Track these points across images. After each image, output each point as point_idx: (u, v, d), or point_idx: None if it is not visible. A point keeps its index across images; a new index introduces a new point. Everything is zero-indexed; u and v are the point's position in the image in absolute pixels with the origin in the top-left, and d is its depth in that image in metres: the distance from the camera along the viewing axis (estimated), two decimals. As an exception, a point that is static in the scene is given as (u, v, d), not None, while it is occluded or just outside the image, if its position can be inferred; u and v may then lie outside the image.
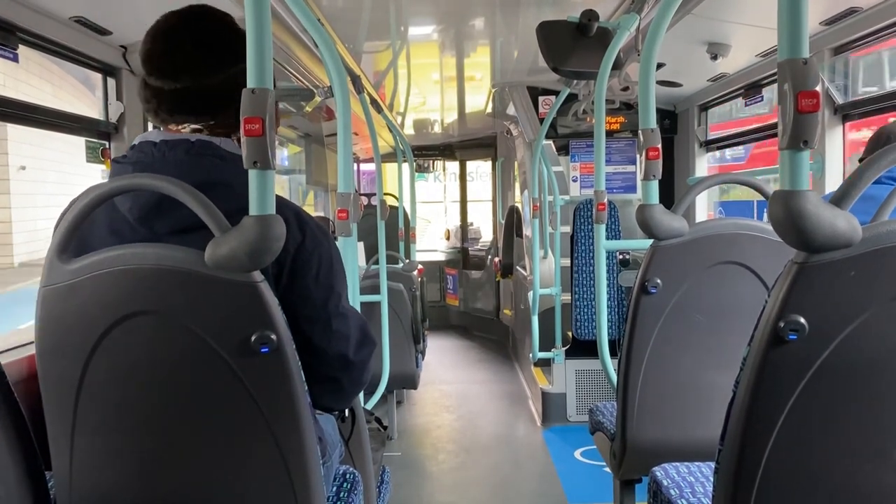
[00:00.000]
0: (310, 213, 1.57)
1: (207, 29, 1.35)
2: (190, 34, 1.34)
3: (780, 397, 1.06)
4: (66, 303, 1.18)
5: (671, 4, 2.02)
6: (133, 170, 1.31)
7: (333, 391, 1.45)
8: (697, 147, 5.20)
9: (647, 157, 2.04)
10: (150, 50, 1.35)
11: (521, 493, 3.82)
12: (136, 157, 1.33)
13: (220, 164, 1.30)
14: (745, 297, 1.86)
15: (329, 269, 1.38)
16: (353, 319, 1.44)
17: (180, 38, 1.33)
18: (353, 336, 1.42)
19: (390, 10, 3.52)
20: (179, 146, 1.31)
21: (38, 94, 4.51)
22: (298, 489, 1.22)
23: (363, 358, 1.46)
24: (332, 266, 1.39)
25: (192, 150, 1.31)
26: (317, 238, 1.36)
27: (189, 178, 1.23)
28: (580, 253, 4.62)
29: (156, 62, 1.33)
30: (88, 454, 1.24)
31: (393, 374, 3.86)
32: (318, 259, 1.35)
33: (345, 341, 1.40)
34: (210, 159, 1.30)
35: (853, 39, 3.08)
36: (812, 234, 0.98)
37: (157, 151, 1.32)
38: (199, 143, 1.32)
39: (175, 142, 1.32)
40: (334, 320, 1.38)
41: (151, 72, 1.34)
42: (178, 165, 1.28)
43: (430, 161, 9.57)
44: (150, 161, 1.31)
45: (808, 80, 0.96)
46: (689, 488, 1.69)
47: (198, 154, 1.30)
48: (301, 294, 1.34)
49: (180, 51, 1.33)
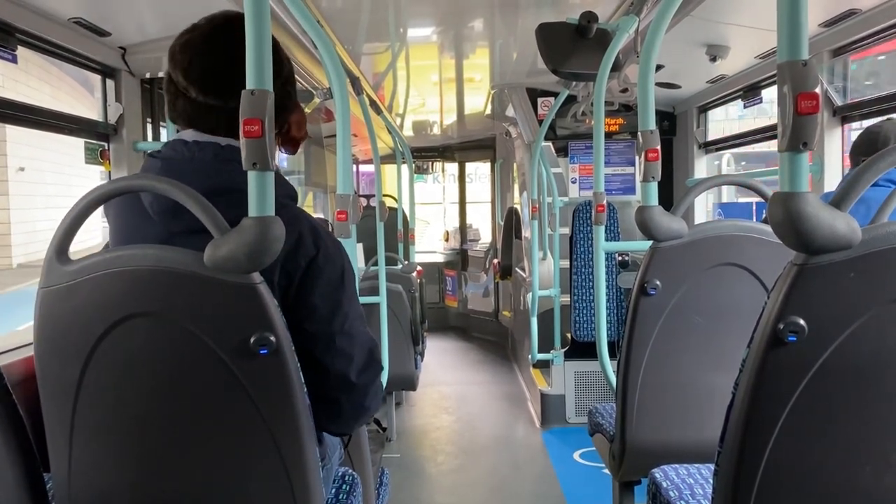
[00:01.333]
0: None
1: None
2: (236, 50, 1.17)
3: (779, 399, 1.06)
4: (65, 304, 1.18)
5: (670, 6, 2.02)
6: (162, 165, 1.31)
7: (333, 413, 1.39)
8: (696, 149, 5.20)
9: (646, 158, 2.04)
10: (207, 65, 1.30)
11: (519, 494, 3.81)
12: (167, 153, 1.34)
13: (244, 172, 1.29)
14: (745, 298, 1.86)
15: (338, 285, 1.34)
16: (361, 341, 1.39)
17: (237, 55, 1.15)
18: (357, 357, 1.37)
19: (389, 12, 3.52)
20: (208, 148, 1.32)
21: (37, 95, 4.50)
22: (297, 491, 1.22)
23: (366, 381, 1.40)
24: (343, 283, 1.35)
25: (221, 154, 1.31)
26: (330, 254, 1.33)
27: (211, 180, 1.27)
28: (579, 254, 4.62)
29: (215, 80, 1.30)
30: (87, 456, 1.24)
31: (392, 375, 3.85)
32: (328, 275, 1.32)
33: (347, 361, 1.36)
34: (235, 165, 1.27)
35: (852, 41, 3.08)
36: (811, 236, 0.98)
37: (188, 151, 1.32)
38: (228, 148, 1.32)
39: (205, 143, 1.33)
40: (338, 337, 1.34)
41: (207, 90, 1.30)
42: (203, 166, 1.29)
43: (430, 162, 9.57)
44: (179, 158, 1.32)
45: (808, 82, 0.96)
46: (689, 490, 1.69)
47: (225, 159, 1.30)
48: (307, 308, 1.31)
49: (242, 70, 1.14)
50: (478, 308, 8.51)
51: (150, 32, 2.71)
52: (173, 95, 1.35)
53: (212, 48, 1.31)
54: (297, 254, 1.29)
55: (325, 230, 1.36)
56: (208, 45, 1.32)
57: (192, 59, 1.31)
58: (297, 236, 1.29)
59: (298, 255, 1.29)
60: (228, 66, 1.27)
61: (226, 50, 1.30)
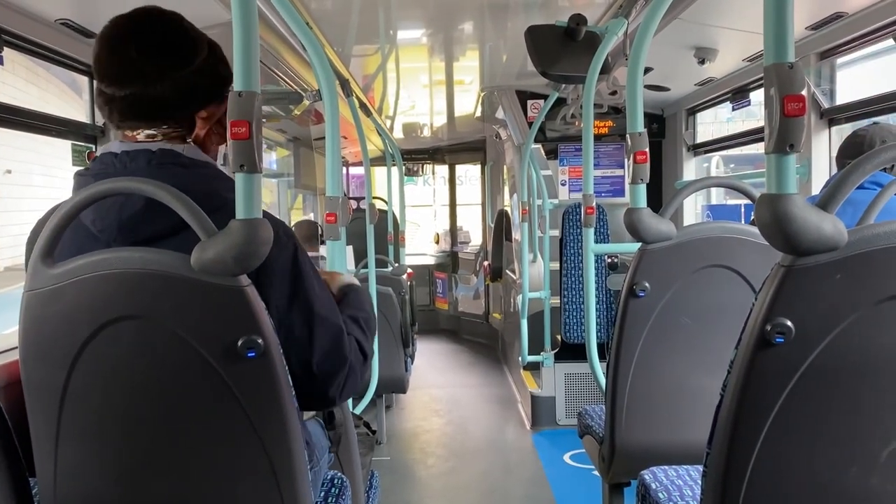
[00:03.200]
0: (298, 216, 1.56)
1: (154, 32, 1.32)
2: (135, 39, 1.30)
3: (767, 400, 1.06)
4: (51, 307, 1.17)
5: (658, 9, 2.03)
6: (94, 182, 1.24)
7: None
8: (685, 151, 5.22)
9: (635, 160, 2.05)
10: (97, 56, 1.32)
11: (510, 497, 3.81)
12: (97, 168, 1.31)
13: (183, 173, 1.28)
14: (733, 300, 1.87)
15: (294, 272, 1.30)
16: (328, 328, 1.32)
17: (126, 44, 1.29)
18: (318, 344, 1.31)
19: (379, 14, 3.52)
20: (141, 156, 1.29)
21: (24, 97, 4.47)
22: (286, 495, 1.21)
23: (327, 370, 1.32)
24: (299, 269, 1.30)
25: (154, 160, 1.29)
26: (280, 241, 1.27)
27: None
28: (569, 256, 4.63)
29: (103, 69, 1.31)
30: (73, 460, 1.23)
31: (382, 378, 3.85)
32: (282, 263, 1.28)
33: (306, 348, 1.30)
34: (172, 168, 1.28)
35: (839, 44, 3.10)
36: (798, 238, 0.98)
37: (119, 162, 1.29)
38: (161, 153, 1.29)
39: (136, 152, 1.29)
40: (297, 328, 1.29)
41: (101, 78, 1.31)
42: (138, 175, 1.24)
43: (420, 165, 9.57)
44: (112, 172, 1.28)
45: (794, 84, 0.97)
46: (678, 491, 1.69)
47: (159, 164, 1.28)
48: (266, 300, 1.22)
49: (126, 57, 1.29)
50: (468, 310, 8.51)
51: (137, 34, 2.69)
52: (96, 93, 1.35)
53: (107, 40, 1.32)
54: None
55: (274, 217, 1.31)
56: (105, 38, 1.32)
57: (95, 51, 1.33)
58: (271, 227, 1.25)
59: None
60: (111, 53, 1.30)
61: (110, 38, 1.31)
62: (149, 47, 1.29)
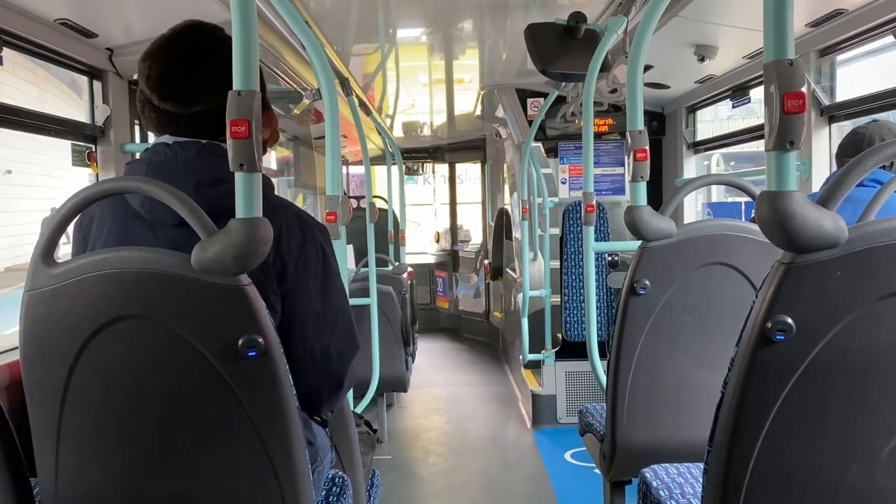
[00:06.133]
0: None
1: (221, 52, 1.34)
2: (206, 59, 1.35)
3: (767, 397, 1.06)
4: (51, 307, 1.17)
5: (658, 7, 2.03)
6: (146, 168, 1.35)
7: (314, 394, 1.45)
8: (685, 148, 5.22)
9: (635, 158, 2.05)
10: (162, 73, 1.36)
11: (511, 495, 3.81)
12: (149, 156, 1.38)
13: (226, 163, 1.31)
14: (733, 297, 1.87)
15: (325, 264, 1.43)
16: (345, 315, 1.47)
17: (198, 64, 1.35)
18: (338, 328, 1.44)
19: (378, 13, 3.52)
20: (191, 146, 1.36)
21: (23, 97, 4.47)
22: (287, 494, 1.21)
23: (343, 352, 1.47)
24: (328, 262, 1.44)
25: (203, 150, 1.36)
26: (315, 237, 1.42)
27: (199, 175, 1.32)
28: (569, 255, 4.63)
29: (169, 88, 1.36)
30: (74, 460, 1.23)
31: (383, 377, 3.85)
32: (314, 256, 1.40)
33: (329, 333, 1.44)
34: (219, 159, 1.32)
35: (839, 41, 3.10)
36: (798, 235, 0.98)
37: (170, 151, 1.37)
38: (210, 146, 1.37)
39: (187, 142, 1.37)
40: (323, 315, 1.42)
41: (165, 97, 1.36)
42: (188, 163, 1.34)
43: (420, 164, 9.56)
44: (163, 159, 1.36)
45: (794, 81, 0.97)
46: (679, 489, 1.69)
47: (208, 154, 1.35)
48: (301, 289, 1.39)
49: (198, 78, 1.35)
50: (469, 309, 8.50)
51: (137, 33, 2.70)
52: (142, 103, 1.42)
53: (168, 56, 1.37)
54: (290, 239, 1.36)
55: (310, 217, 1.44)
56: (165, 54, 1.38)
57: (151, 67, 1.37)
58: (285, 223, 1.36)
59: (291, 240, 1.37)
60: (183, 73, 1.36)
61: (182, 58, 1.36)
62: (219, 68, 1.32)
